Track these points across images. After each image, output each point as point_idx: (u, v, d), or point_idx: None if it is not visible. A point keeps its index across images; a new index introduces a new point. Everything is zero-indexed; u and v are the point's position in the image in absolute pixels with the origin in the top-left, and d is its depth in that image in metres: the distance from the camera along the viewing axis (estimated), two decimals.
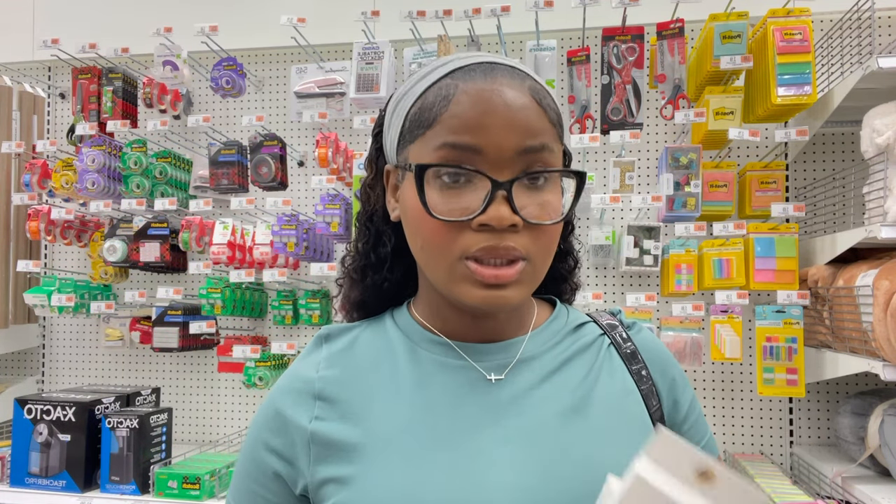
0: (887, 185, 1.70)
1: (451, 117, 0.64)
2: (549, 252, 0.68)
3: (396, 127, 0.71)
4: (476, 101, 0.64)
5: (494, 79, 0.65)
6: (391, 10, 2.24)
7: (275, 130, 2.52)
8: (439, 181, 0.65)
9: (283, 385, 0.73)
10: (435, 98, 0.66)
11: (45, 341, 2.81)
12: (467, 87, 0.65)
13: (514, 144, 0.63)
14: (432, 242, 0.65)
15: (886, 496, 1.64)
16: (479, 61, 0.68)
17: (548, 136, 0.66)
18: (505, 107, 0.64)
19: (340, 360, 0.73)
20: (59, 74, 2.83)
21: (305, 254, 2.26)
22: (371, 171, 0.78)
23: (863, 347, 1.74)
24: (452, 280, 0.66)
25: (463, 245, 0.64)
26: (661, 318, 2.12)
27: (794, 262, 1.99)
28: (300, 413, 0.70)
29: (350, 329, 0.77)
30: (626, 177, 2.10)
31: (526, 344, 0.73)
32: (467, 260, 0.64)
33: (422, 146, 0.67)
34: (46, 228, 2.44)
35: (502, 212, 0.62)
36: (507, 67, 0.67)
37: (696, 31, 2.28)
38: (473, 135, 0.63)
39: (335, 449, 0.67)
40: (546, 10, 2.10)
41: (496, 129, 0.63)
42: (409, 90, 0.71)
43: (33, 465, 2.02)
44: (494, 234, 0.63)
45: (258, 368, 2.29)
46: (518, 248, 0.64)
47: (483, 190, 0.63)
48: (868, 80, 1.74)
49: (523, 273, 0.65)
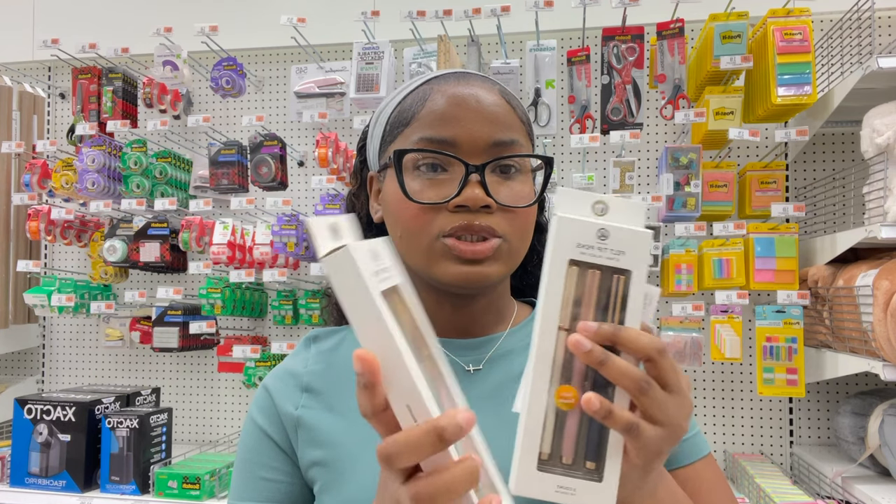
0: (887, 185, 1.70)
1: (428, 113, 0.70)
2: (525, 234, 0.72)
3: (378, 135, 0.76)
4: (450, 98, 0.70)
5: (468, 82, 0.72)
6: (391, 10, 2.24)
7: (275, 130, 2.52)
8: (417, 172, 0.69)
9: (273, 375, 0.78)
10: (412, 101, 0.73)
11: (45, 341, 2.81)
12: (442, 88, 0.71)
13: (486, 136, 0.69)
14: (411, 226, 0.69)
15: (886, 496, 1.64)
16: (454, 71, 0.75)
17: (517, 132, 0.71)
18: (477, 102, 0.70)
19: (327, 358, 0.77)
20: (59, 74, 2.83)
21: (305, 254, 2.26)
22: (356, 181, 0.84)
23: (863, 347, 1.74)
24: (431, 258, 0.69)
25: (440, 225, 0.68)
26: (660, 318, 2.12)
27: (794, 262, 1.99)
28: (287, 401, 0.74)
29: (337, 332, 0.81)
30: (626, 177, 2.10)
31: (505, 339, 0.76)
32: (445, 238, 0.67)
33: (401, 142, 0.72)
34: (46, 228, 2.44)
35: (476, 192, 0.66)
36: (480, 76, 0.74)
37: (696, 31, 2.28)
38: (448, 128, 0.68)
39: (320, 435, 0.71)
40: (546, 10, 2.10)
41: (469, 122, 0.69)
42: (388, 102, 0.77)
43: (33, 465, 2.02)
44: (470, 213, 0.67)
45: (258, 368, 2.29)
46: (493, 226, 0.67)
47: (458, 176, 0.68)
48: (868, 80, 1.74)
49: (499, 250, 0.68)
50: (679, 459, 0.77)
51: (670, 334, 2.05)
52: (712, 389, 2.29)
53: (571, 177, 2.12)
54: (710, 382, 2.29)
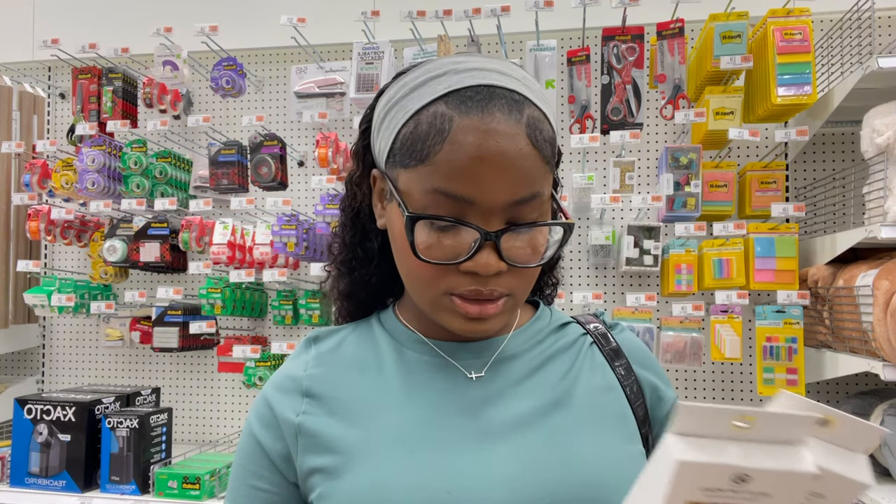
0: (887, 185, 1.70)
1: (445, 162, 0.63)
2: (531, 285, 0.71)
3: (386, 139, 0.69)
4: (471, 148, 0.62)
5: (492, 115, 0.63)
6: (391, 10, 2.23)
7: (275, 130, 2.52)
8: (428, 222, 0.65)
9: (273, 383, 0.76)
10: (429, 129, 0.64)
11: (45, 341, 2.81)
12: (462, 123, 0.63)
13: (505, 196, 0.63)
14: (418, 277, 0.67)
15: (886, 496, 1.64)
16: (476, 83, 0.65)
17: (539, 181, 0.65)
18: (501, 156, 0.62)
19: (328, 360, 0.75)
20: (59, 74, 2.83)
21: (305, 254, 2.26)
22: (358, 166, 0.77)
23: (863, 347, 1.74)
24: (436, 310, 0.68)
25: (448, 284, 0.66)
26: (661, 318, 2.12)
27: (794, 262, 1.99)
28: (288, 408, 0.72)
29: (338, 331, 0.79)
30: (626, 177, 2.10)
31: (508, 342, 0.75)
32: (452, 295, 0.66)
33: (413, 180, 0.65)
34: (46, 228, 2.44)
35: (490, 260, 0.64)
36: (505, 93, 0.64)
37: (696, 31, 2.28)
38: (466, 186, 0.63)
39: (321, 440, 0.69)
40: (546, 10, 2.10)
41: (489, 182, 0.63)
42: (400, 99, 0.68)
43: (33, 465, 2.02)
44: (480, 278, 0.65)
45: (258, 368, 2.29)
46: (502, 288, 0.66)
47: (471, 236, 0.64)
48: (868, 80, 1.74)
49: (505, 305, 0.68)
50: None
51: (670, 334, 2.05)
52: (712, 389, 2.29)
53: (571, 177, 2.12)
54: (710, 382, 2.29)
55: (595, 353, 0.77)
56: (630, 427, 0.72)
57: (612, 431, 0.70)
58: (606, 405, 0.72)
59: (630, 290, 2.34)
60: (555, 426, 0.68)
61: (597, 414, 0.71)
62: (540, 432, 0.68)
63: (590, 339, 0.78)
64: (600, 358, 0.77)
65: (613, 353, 0.77)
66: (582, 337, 0.78)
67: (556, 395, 0.71)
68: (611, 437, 0.70)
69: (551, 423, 0.69)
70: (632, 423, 0.73)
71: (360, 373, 0.73)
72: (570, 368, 0.74)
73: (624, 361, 0.77)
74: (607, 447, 0.69)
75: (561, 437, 0.68)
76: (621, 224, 2.32)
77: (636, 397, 0.75)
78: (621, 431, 0.71)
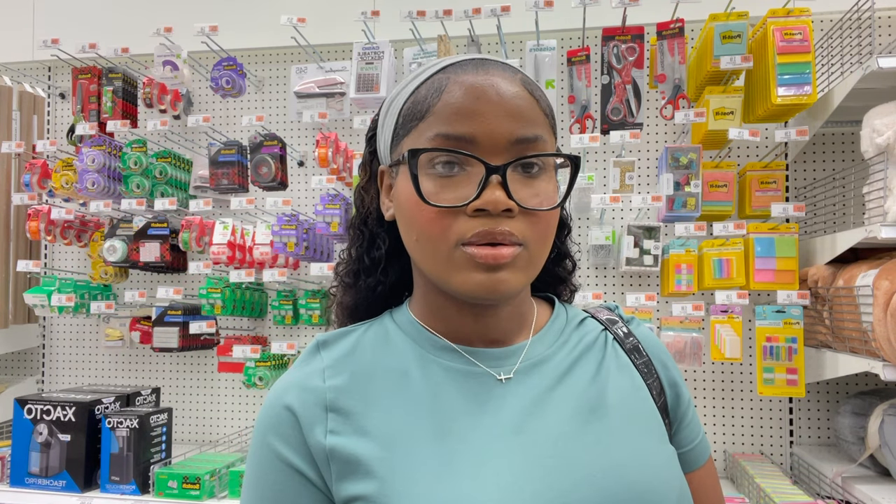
0: (887, 185, 1.70)
1: (444, 106, 0.64)
2: (546, 239, 0.67)
3: (390, 126, 0.71)
4: (468, 91, 0.64)
5: (487, 70, 0.66)
6: (391, 10, 2.24)
7: (275, 130, 2.52)
8: (433, 171, 0.64)
9: (290, 395, 0.68)
10: (427, 91, 0.67)
11: (45, 341, 2.81)
12: (459, 78, 0.65)
13: (507, 133, 0.63)
14: (428, 231, 0.64)
15: (886, 496, 1.64)
16: (471, 58, 0.69)
17: (540, 126, 0.66)
18: (497, 95, 0.64)
19: (346, 367, 0.70)
20: (59, 74, 2.83)
21: (305, 254, 2.26)
22: (365, 174, 0.77)
23: (863, 347, 1.74)
24: (450, 268, 0.64)
25: (459, 231, 0.63)
26: (661, 318, 2.12)
27: (794, 262, 1.99)
28: (314, 427, 0.66)
29: (347, 333, 0.74)
30: (626, 177, 2.10)
31: (533, 347, 0.73)
32: (464, 246, 0.63)
33: (415, 138, 0.66)
34: (46, 228, 2.44)
35: (497, 195, 0.62)
36: (499, 62, 0.68)
37: (696, 31, 2.28)
38: (467, 123, 0.63)
39: (356, 465, 0.64)
40: (546, 10, 2.10)
41: (489, 118, 0.63)
42: (401, 90, 0.71)
43: (33, 465, 2.02)
44: (490, 218, 0.63)
45: (258, 368, 2.29)
46: (514, 232, 0.63)
47: (477, 176, 0.63)
48: (868, 80, 1.74)
49: (519, 257, 0.64)
50: (696, 462, 0.78)
51: (670, 334, 2.05)
52: (712, 389, 2.29)
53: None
54: (710, 382, 2.29)
55: (618, 352, 0.76)
56: (660, 426, 0.72)
57: (649, 434, 0.70)
58: (638, 407, 0.71)
59: (630, 290, 2.34)
60: (596, 434, 0.67)
61: (632, 417, 0.70)
62: (583, 442, 0.66)
63: (609, 335, 0.77)
64: (624, 356, 0.76)
65: (634, 349, 0.77)
66: (602, 333, 0.77)
67: (589, 399, 0.69)
68: (648, 440, 0.69)
69: (592, 430, 0.67)
70: (660, 422, 0.73)
71: (384, 382, 0.69)
72: (597, 370, 0.72)
73: (645, 358, 0.76)
74: (648, 452, 0.68)
75: (605, 445, 0.66)
76: (621, 224, 2.32)
77: (659, 395, 0.74)
78: (656, 433, 0.71)
